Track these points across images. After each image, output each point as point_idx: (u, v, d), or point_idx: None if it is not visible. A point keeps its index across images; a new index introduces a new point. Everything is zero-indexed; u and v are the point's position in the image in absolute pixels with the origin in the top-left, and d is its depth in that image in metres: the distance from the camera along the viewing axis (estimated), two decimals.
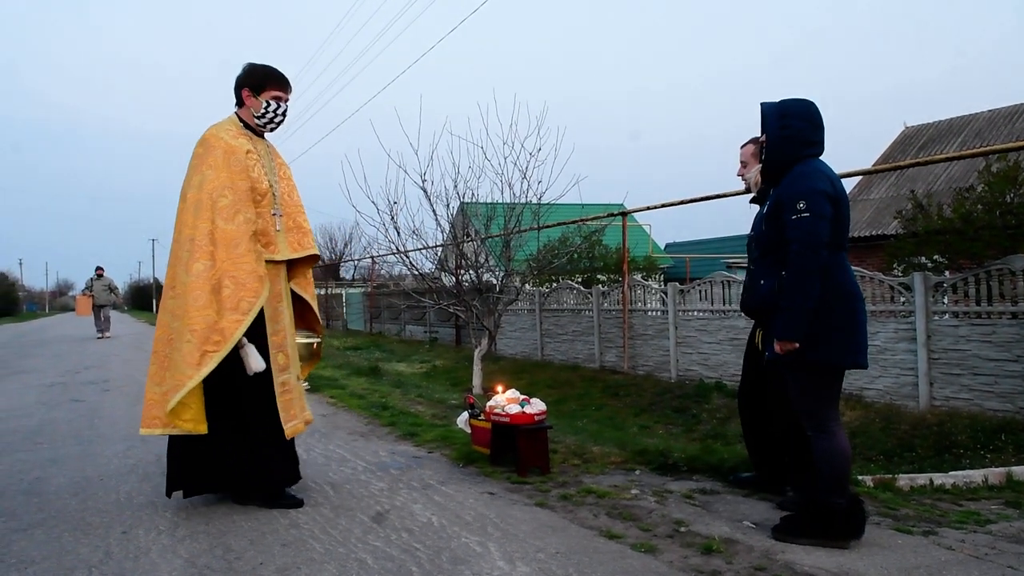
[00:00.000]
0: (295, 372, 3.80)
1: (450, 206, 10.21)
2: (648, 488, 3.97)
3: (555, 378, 11.01)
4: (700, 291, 9.94)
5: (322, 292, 28.79)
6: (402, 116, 8.93)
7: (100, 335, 18.74)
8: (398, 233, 11.07)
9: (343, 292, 27.25)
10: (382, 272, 25.78)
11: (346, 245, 40.74)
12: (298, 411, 3.75)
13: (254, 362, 3.47)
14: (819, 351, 3.04)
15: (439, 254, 12.34)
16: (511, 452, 4.29)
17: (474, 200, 10.04)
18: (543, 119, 9.41)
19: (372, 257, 19.16)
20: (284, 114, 3.77)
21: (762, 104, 3.26)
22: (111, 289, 19.80)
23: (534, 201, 9.51)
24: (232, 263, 3.42)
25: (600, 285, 13.64)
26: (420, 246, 11.27)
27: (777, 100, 3.24)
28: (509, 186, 9.54)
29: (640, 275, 15.29)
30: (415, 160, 10.19)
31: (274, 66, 3.77)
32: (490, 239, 10.51)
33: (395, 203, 11.00)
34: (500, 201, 9.88)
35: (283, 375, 3.67)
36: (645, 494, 3.85)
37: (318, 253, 3.92)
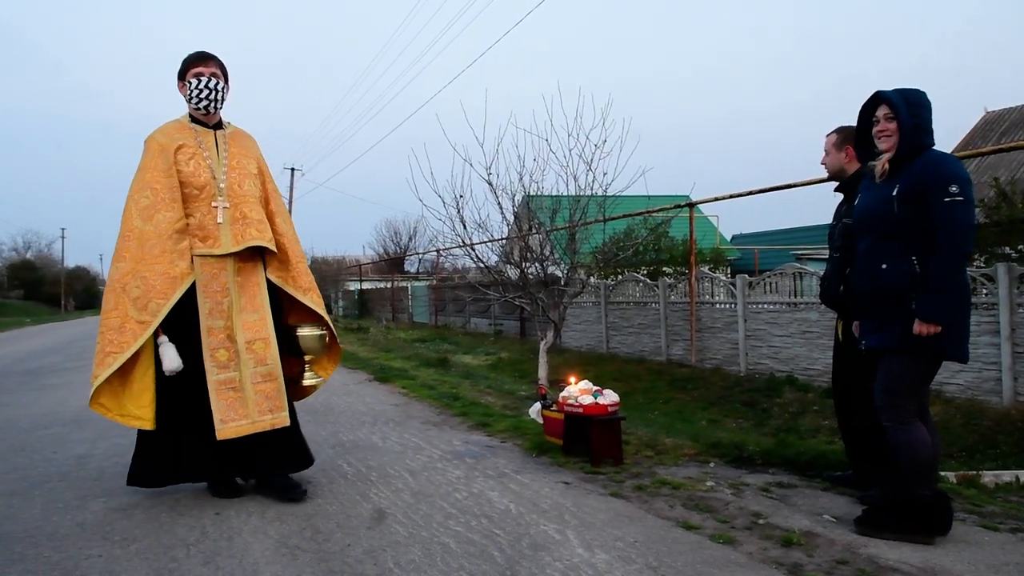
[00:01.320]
0: (270, 368, 3.60)
1: (515, 199, 10.29)
2: (723, 480, 3.96)
3: (621, 371, 10.98)
4: (769, 283, 9.78)
5: (388, 285, 29.28)
6: (467, 110, 9.02)
7: None
8: (464, 226, 11.22)
9: (408, 285, 27.63)
10: (446, 265, 26.09)
11: (410, 239, 41.21)
12: (253, 410, 3.53)
13: (167, 361, 3.42)
14: (933, 340, 3.00)
15: (504, 247, 12.44)
16: (584, 443, 4.33)
17: (539, 193, 10.08)
18: (608, 110, 9.39)
19: (437, 250, 19.42)
20: (211, 87, 3.63)
21: (881, 93, 3.22)
22: None
23: (599, 193, 9.49)
24: (145, 264, 3.43)
25: (666, 278, 13.53)
26: (485, 239, 11.41)
27: (892, 89, 3.21)
28: (574, 178, 9.52)
29: (707, 267, 15.10)
30: (480, 154, 10.26)
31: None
32: (555, 232, 10.54)
33: (461, 196, 11.15)
34: (565, 193, 9.90)
35: (224, 372, 3.51)
36: (721, 486, 3.84)
37: (263, 244, 3.63)
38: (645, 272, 15.08)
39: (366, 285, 33.03)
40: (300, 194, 48.20)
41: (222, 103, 3.73)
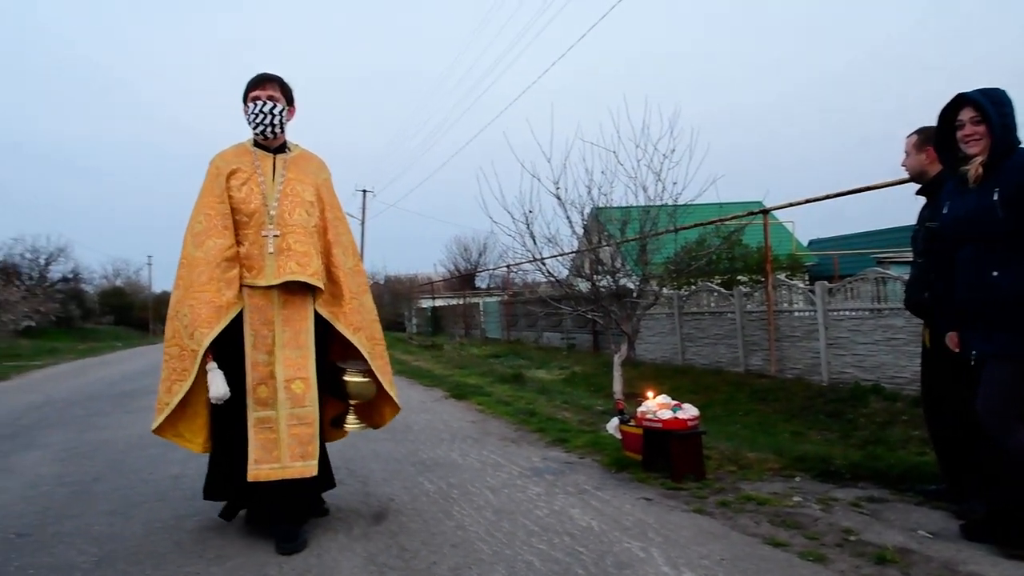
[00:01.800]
0: (307, 411, 3.38)
1: (584, 212, 10.29)
2: (811, 496, 3.86)
3: (698, 383, 10.81)
4: (850, 289, 9.50)
5: (459, 302, 29.58)
6: (534, 126, 9.09)
7: None
8: (534, 241, 11.28)
9: (480, 301, 27.86)
10: (516, 280, 26.22)
11: (480, 255, 41.59)
12: (285, 454, 3.31)
13: (213, 388, 3.29)
14: None
15: (574, 260, 12.44)
16: (664, 458, 4.28)
17: (608, 205, 10.06)
18: (675, 120, 9.31)
19: (507, 266, 19.53)
20: (266, 111, 3.45)
21: (965, 95, 3.13)
22: None
23: (669, 203, 9.41)
24: (192, 291, 3.32)
25: (741, 286, 13.27)
26: (555, 253, 11.43)
27: (974, 90, 3.12)
28: (643, 189, 9.49)
29: (784, 274, 14.75)
30: (548, 169, 10.33)
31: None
32: (625, 244, 10.49)
33: (530, 212, 11.22)
34: (634, 204, 9.84)
35: (263, 410, 3.32)
36: (808, 502, 3.74)
37: (301, 279, 3.38)
38: (719, 281, 14.83)
39: (438, 302, 33.45)
40: (372, 215, 49.19)
41: (281, 126, 3.53)
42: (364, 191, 38.95)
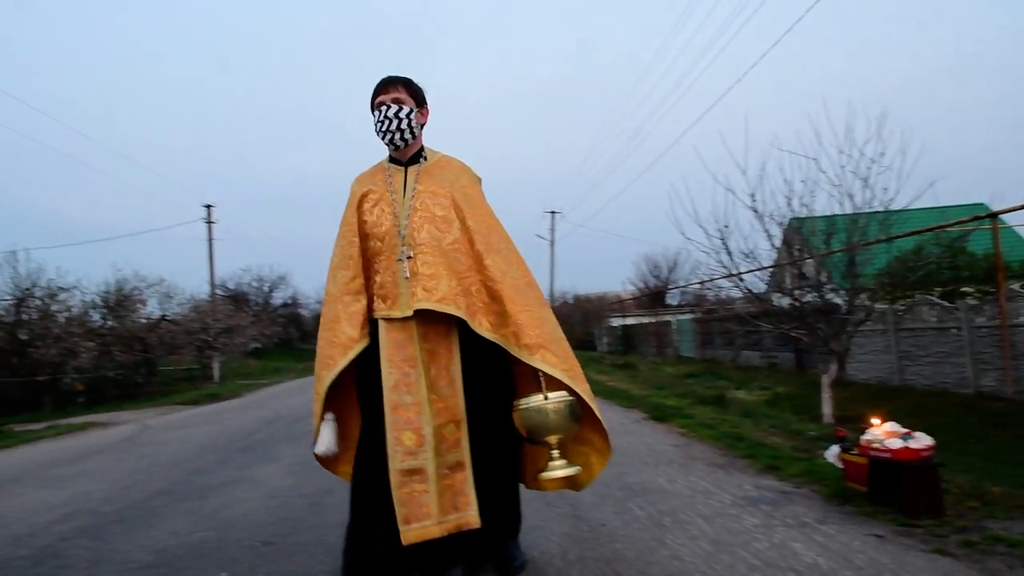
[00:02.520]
0: (459, 456, 2.94)
1: (784, 224, 9.84)
2: None
3: (919, 405, 9.94)
4: None
5: (651, 320, 29.20)
6: (726, 138, 8.86)
7: None
8: (730, 256, 10.92)
9: (672, 319, 27.37)
10: (710, 296, 25.49)
11: (670, 271, 40.90)
12: (437, 508, 2.87)
13: (318, 443, 2.98)
14: None
15: (775, 275, 11.89)
16: (894, 491, 3.96)
17: (810, 215, 9.55)
18: (883, 121, 8.68)
19: (700, 282, 19.06)
20: (390, 117, 3.03)
21: None
22: None
23: (880, 210, 8.76)
24: (322, 330, 3.06)
25: (967, 299, 12.06)
26: (753, 267, 10.99)
27: None
28: (849, 196, 8.93)
29: (1018, 284, 13.24)
30: (743, 181, 10.00)
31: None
32: (831, 255, 9.89)
33: (726, 227, 10.89)
34: (839, 213, 9.27)
35: (410, 460, 2.87)
36: None
37: (428, 307, 2.90)
38: (938, 293, 13.58)
39: (628, 320, 33.25)
40: (560, 236, 49.88)
41: (411, 131, 3.07)
42: (552, 212, 39.63)
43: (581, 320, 39.32)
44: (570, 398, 2.86)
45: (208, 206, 32.39)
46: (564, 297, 44.11)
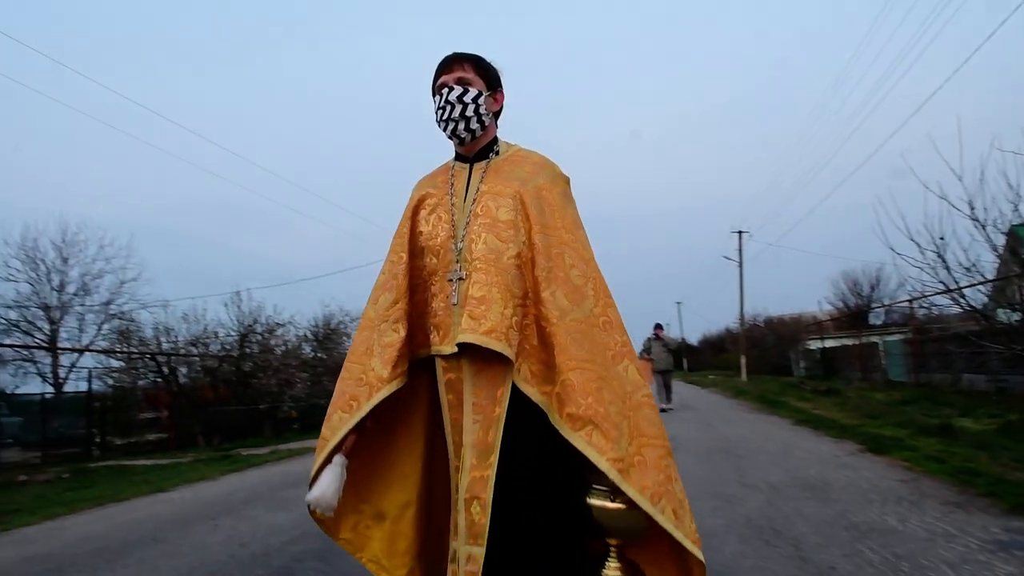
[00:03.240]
0: (474, 551, 2.18)
1: (1009, 231, 8.96)
2: None
3: None
4: None
5: (854, 342, 27.29)
6: (937, 143, 8.20)
7: (665, 406, 15.49)
8: (948, 270, 10.03)
9: (878, 340, 25.44)
10: (920, 314, 23.48)
11: (872, 289, 38.07)
12: None
13: (314, 486, 2.27)
14: None
15: (1001, 289, 10.78)
16: None
17: None
18: None
19: (910, 299, 17.62)
20: (454, 100, 2.35)
21: None
22: (672, 350, 16.90)
23: None
24: (349, 360, 2.46)
25: None
26: (975, 281, 10.01)
27: None
28: None
29: None
30: (959, 188, 9.19)
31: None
32: None
33: (941, 239, 10.03)
34: None
35: (466, 542, 2.19)
36: None
37: (468, 340, 2.17)
38: None
39: (828, 343, 31.30)
40: (749, 255, 48.11)
41: (479, 120, 2.38)
42: (740, 232, 38.33)
43: (774, 343, 37.48)
44: (622, 505, 2.09)
45: None
46: (755, 319, 42.36)
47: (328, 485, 2.23)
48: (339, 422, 2.31)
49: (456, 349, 2.23)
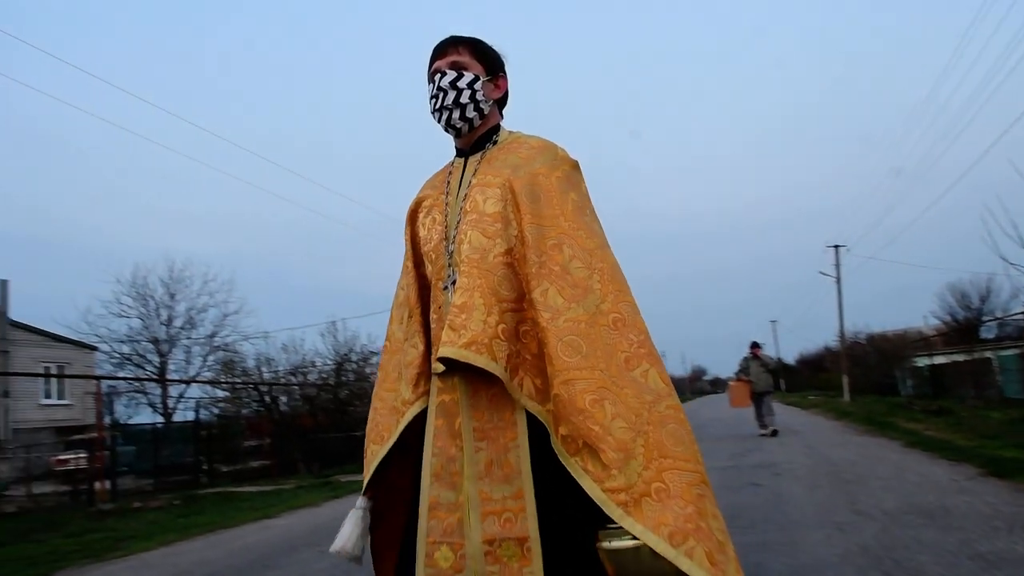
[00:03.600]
0: None
1: None
2: None
3: None
4: None
5: (965, 358, 25.81)
6: None
7: (764, 431, 14.35)
8: None
9: (992, 356, 24.00)
10: None
11: (982, 301, 36.01)
12: None
13: (337, 536, 2.04)
14: None
15: None
16: None
17: None
18: None
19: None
20: (445, 86, 2.06)
21: None
22: (771, 369, 16.13)
23: None
24: (378, 382, 2.24)
25: None
26: None
27: None
28: None
29: None
30: None
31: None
32: None
33: None
34: None
35: None
36: None
37: (449, 354, 1.82)
38: None
39: (937, 359, 29.74)
40: (848, 270, 46.35)
41: (475, 108, 2.09)
42: (836, 247, 37.05)
43: (878, 362, 35.82)
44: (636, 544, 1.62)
45: None
46: (857, 336, 40.59)
47: (349, 533, 2.02)
48: (372, 456, 2.07)
49: (442, 367, 1.88)
